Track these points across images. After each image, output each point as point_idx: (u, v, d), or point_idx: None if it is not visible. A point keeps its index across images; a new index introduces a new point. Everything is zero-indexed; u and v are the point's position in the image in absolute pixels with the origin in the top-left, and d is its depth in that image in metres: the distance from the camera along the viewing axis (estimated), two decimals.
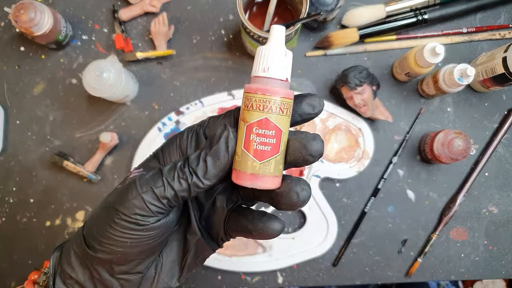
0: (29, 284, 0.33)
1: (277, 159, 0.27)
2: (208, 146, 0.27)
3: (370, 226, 0.65)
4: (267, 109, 0.26)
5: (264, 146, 0.26)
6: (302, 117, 0.28)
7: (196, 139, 0.30)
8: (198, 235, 0.31)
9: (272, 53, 0.27)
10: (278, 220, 0.29)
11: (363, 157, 0.64)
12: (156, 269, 0.31)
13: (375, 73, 0.64)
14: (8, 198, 0.66)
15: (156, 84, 0.66)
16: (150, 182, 0.27)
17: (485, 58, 0.61)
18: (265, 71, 0.27)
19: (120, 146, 0.66)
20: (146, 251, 0.29)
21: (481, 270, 0.65)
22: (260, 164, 0.26)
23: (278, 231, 0.29)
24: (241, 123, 0.27)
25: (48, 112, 0.66)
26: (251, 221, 0.29)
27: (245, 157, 0.26)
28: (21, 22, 0.56)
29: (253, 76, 0.28)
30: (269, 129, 0.26)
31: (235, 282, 0.65)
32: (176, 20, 0.66)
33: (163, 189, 0.26)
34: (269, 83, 0.27)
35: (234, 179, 0.27)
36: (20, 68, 0.66)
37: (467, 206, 0.65)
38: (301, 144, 0.26)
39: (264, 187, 0.27)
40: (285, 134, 0.27)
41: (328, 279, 0.65)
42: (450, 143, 0.58)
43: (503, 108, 0.66)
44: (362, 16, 0.63)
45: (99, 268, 0.29)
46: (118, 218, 0.27)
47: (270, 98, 0.26)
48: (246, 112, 0.27)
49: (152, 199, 0.26)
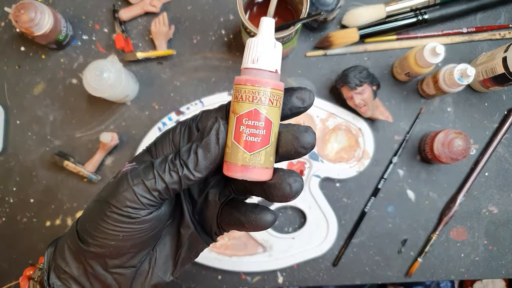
0: (24, 279, 0.33)
1: (268, 151, 0.27)
2: (199, 138, 0.27)
3: (370, 226, 0.65)
4: (257, 100, 0.26)
5: (254, 137, 0.26)
6: (292, 110, 0.28)
7: (188, 133, 0.30)
8: (191, 229, 0.31)
9: (261, 44, 0.27)
10: (270, 212, 0.29)
11: (363, 157, 0.64)
12: (150, 263, 0.31)
13: (375, 73, 0.64)
14: (8, 198, 0.66)
15: (156, 84, 0.66)
16: (142, 174, 0.27)
17: (485, 58, 0.61)
18: (254, 63, 0.27)
19: (120, 146, 0.66)
20: (138, 244, 0.29)
21: (481, 270, 0.65)
22: (250, 155, 0.26)
23: (270, 222, 0.29)
24: (231, 115, 0.27)
25: (48, 112, 0.66)
26: (243, 213, 0.29)
27: (235, 149, 0.26)
28: (21, 22, 0.56)
29: (242, 68, 0.28)
30: (259, 120, 0.26)
31: (235, 282, 0.65)
32: (177, 20, 0.66)
33: (154, 181, 0.26)
34: (258, 74, 0.27)
35: (225, 171, 0.27)
36: (20, 68, 0.66)
37: (467, 206, 0.65)
38: (293, 136, 0.26)
39: (254, 178, 0.27)
40: (275, 125, 0.27)
41: (328, 279, 0.65)
42: (450, 143, 0.58)
43: (503, 108, 0.66)
44: (362, 16, 0.63)
45: (93, 262, 0.29)
46: (109, 211, 0.27)
47: (259, 89, 0.26)
48: (236, 104, 0.27)
49: (143, 192, 0.26)
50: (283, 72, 0.66)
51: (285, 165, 0.64)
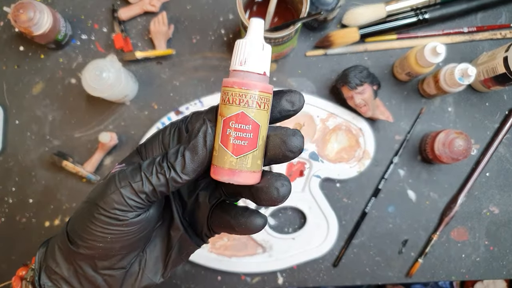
0: (16, 279, 0.33)
1: (255, 154, 0.26)
2: (186, 141, 0.27)
3: (370, 227, 0.65)
4: (244, 103, 0.26)
5: (240, 140, 0.26)
6: (281, 113, 0.28)
7: (178, 134, 0.30)
8: (181, 231, 0.31)
9: (249, 46, 0.26)
10: (260, 215, 0.29)
11: (364, 157, 0.64)
12: (140, 265, 0.31)
13: (376, 73, 0.63)
14: (7, 198, 0.66)
15: (155, 84, 0.66)
16: (129, 177, 0.27)
17: (486, 58, 0.60)
18: (241, 65, 0.26)
19: (120, 146, 0.65)
20: (127, 246, 0.29)
21: (482, 270, 0.65)
22: (236, 159, 0.26)
23: (260, 226, 0.29)
24: (219, 117, 0.27)
25: (47, 112, 0.66)
26: (233, 216, 0.29)
27: (222, 152, 0.26)
28: (20, 21, 0.56)
29: (231, 70, 0.27)
30: (246, 123, 0.26)
31: (235, 283, 0.65)
32: (176, 20, 0.66)
33: (141, 183, 0.26)
34: (246, 77, 0.26)
35: (212, 174, 0.27)
36: (19, 68, 0.66)
37: (468, 206, 0.65)
38: (280, 140, 0.26)
39: (241, 182, 0.26)
40: (263, 128, 0.26)
41: (328, 280, 0.65)
42: (451, 143, 0.58)
43: (504, 108, 0.66)
44: (362, 15, 0.63)
45: (82, 263, 0.29)
46: (97, 213, 0.27)
47: (246, 92, 0.26)
48: (223, 107, 0.26)
49: (130, 194, 0.26)
50: (283, 72, 0.65)
51: (285, 165, 0.64)
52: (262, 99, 0.26)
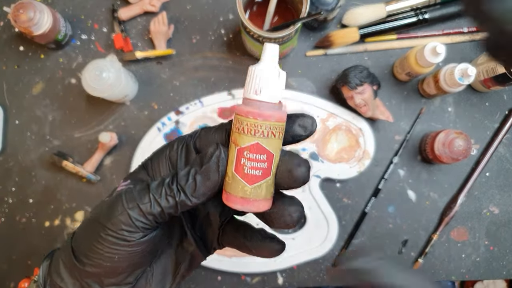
0: None
1: (269, 183, 0.26)
2: (198, 163, 0.26)
3: (370, 227, 0.65)
4: (259, 134, 0.25)
5: (255, 170, 0.25)
6: (294, 138, 0.28)
7: (186, 151, 0.29)
8: (193, 246, 0.31)
9: (265, 74, 0.26)
10: (278, 241, 0.29)
11: (364, 157, 0.64)
12: (147, 279, 0.31)
13: (376, 73, 0.63)
14: (7, 198, 0.66)
15: (155, 84, 0.66)
16: (137, 198, 0.26)
17: (486, 58, 0.60)
18: (257, 94, 0.26)
19: (120, 146, 0.65)
20: (134, 264, 0.28)
21: (482, 270, 0.65)
22: (251, 188, 0.25)
23: (278, 251, 0.29)
24: (232, 145, 0.26)
25: (47, 112, 0.66)
26: (249, 239, 0.29)
27: (235, 181, 0.26)
28: (20, 21, 0.56)
29: (244, 98, 0.26)
30: (261, 153, 0.25)
31: (235, 283, 0.65)
32: (176, 20, 0.66)
33: (149, 205, 0.26)
34: (261, 107, 0.26)
35: (225, 201, 0.27)
36: (19, 68, 0.66)
37: (468, 207, 0.65)
38: (286, 169, 0.26)
39: (255, 210, 0.26)
40: (276, 156, 0.26)
41: (328, 280, 0.65)
42: (451, 143, 0.58)
43: (504, 108, 0.65)
44: (362, 15, 0.63)
45: (89, 280, 0.29)
46: (105, 234, 0.26)
47: (262, 123, 0.25)
48: (237, 135, 0.26)
49: (138, 216, 0.26)
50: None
51: None
52: (276, 128, 0.26)
